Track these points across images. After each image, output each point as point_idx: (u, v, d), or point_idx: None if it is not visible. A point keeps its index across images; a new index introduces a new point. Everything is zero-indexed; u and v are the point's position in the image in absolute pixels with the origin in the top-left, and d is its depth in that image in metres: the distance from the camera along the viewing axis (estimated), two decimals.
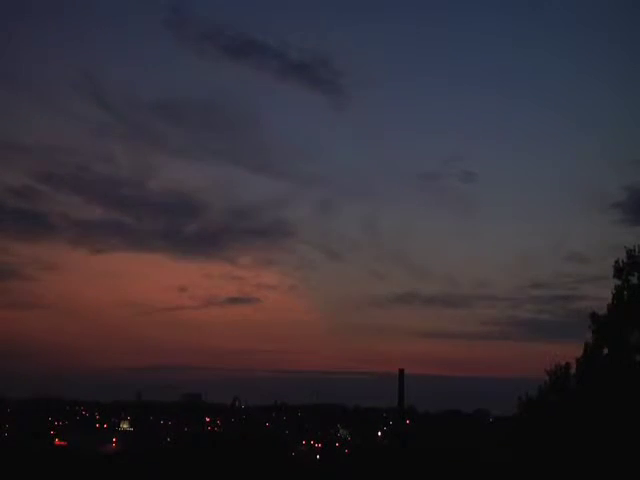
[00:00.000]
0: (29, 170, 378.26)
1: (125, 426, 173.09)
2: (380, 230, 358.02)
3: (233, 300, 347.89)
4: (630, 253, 31.78)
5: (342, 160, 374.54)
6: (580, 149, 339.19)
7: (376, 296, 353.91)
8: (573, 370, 36.20)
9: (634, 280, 31.51)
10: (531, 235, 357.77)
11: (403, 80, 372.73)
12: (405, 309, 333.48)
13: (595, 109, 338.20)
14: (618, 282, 32.23)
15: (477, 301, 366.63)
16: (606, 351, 32.01)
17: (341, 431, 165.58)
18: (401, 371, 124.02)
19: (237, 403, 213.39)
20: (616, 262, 32.09)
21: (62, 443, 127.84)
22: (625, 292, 31.68)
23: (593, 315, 32.75)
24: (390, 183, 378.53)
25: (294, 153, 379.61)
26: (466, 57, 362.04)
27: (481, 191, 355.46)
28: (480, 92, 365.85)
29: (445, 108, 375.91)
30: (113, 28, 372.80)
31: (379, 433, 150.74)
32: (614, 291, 32.23)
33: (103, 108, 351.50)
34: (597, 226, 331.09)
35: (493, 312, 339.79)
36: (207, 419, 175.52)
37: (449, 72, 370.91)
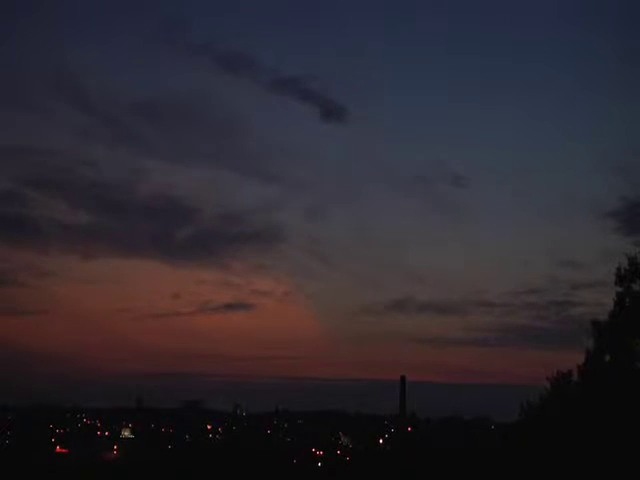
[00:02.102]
0: (13, 174, 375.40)
1: (126, 434, 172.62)
2: (372, 235, 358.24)
3: (228, 306, 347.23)
4: (632, 260, 31.78)
5: (332, 165, 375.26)
6: (575, 156, 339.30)
7: (371, 302, 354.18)
8: (574, 377, 36.24)
9: (636, 287, 31.52)
10: (524, 241, 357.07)
11: (393, 87, 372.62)
12: (401, 315, 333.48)
13: (591, 115, 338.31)
14: (619, 289, 32.23)
15: (472, 307, 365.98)
16: (608, 358, 32.01)
17: (342, 438, 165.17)
18: (402, 378, 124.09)
19: (238, 410, 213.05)
20: (618, 269, 32.09)
21: (63, 451, 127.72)
22: (627, 299, 31.68)
23: (595, 322, 32.76)
24: (381, 188, 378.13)
25: (284, 158, 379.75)
26: (459, 61, 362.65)
27: (474, 197, 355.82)
28: (474, 96, 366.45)
29: (437, 113, 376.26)
30: (100, 31, 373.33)
31: (381, 440, 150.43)
32: (615, 298, 32.24)
33: (88, 112, 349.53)
34: (591, 233, 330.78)
35: (489, 319, 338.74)
36: (208, 427, 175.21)
37: (441, 77, 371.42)
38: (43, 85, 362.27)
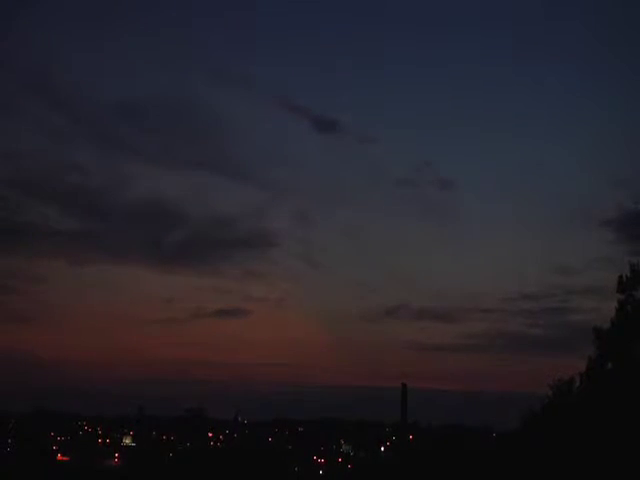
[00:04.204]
0: None
1: (128, 441, 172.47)
2: (364, 241, 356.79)
3: (222, 312, 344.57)
4: (634, 268, 31.92)
5: (322, 170, 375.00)
6: (571, 163, 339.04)
7: (366, 308, 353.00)
8: (576, 384, 36.32)
9: (638, 295, 31.62)
10: (519, 247, 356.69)
11: (383, 93, 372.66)
12: (397, 322, 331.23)
13: (588, 123, 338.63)
14: (621, 296, 32.33)
15: (468, 314, 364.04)
16: (610, 365, 32.06)
17: (344, 446, 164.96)
18: (404, 385, 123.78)
19: (239, 418, 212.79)
20: (619, 276, 32.23)
21: (65, 458, 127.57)
22: (629, 306, 31.79)
23: (596, 329, 32.84)
24: (372, 193, 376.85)
25: (273, 163, 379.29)
26: (451, 66, 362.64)
27: (468, 203, 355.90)
28: (473, 101, 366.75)
29: (431, 118, 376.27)
30: (89, 34, 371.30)
31: (382, 448, 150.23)
32: (617, 305, 32.35)
33: (74, 117, 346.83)
34: (586, 241, 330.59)
35: (485, 325, 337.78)
36: (209, 434, 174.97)
37: (433, 82, 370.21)
38: (26, 88, 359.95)
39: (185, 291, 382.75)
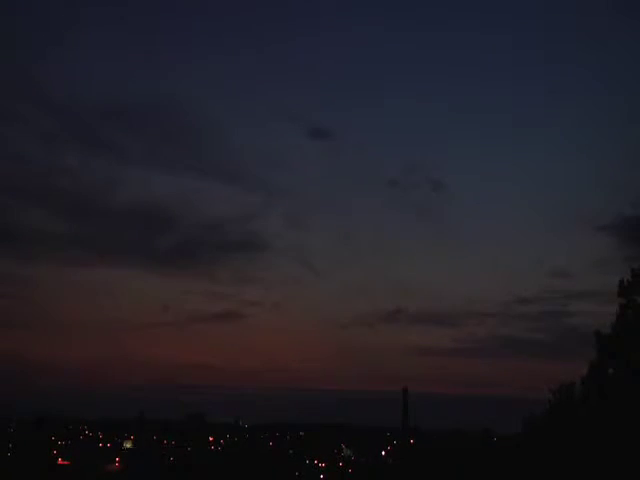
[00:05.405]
0: None
1: (128, 445, 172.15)
2: (360, 244, 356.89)
3: (218, 316, 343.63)
4: (635, 272, 31.86)
5: (315, 174, 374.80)
6: (571, 168, 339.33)
7: (363, 312, 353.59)
8: (577, 388, 36.27)
9: (639, 299, 31.57)
10: (517, 251, 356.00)
11: (378, 98, 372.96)
12: (394, 326, 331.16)
13: (588, 129, 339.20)
14: (622, 301, 32.27)
15: (466, 318, 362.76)
16: (611, 370, 32.00)
17: (345, 450, 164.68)
18: (405, 389, 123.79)
19: (240, 422, 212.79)
20: (620, 281, 32.17)
21: (65, 462, 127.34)
22: (630, 311, 31.74)
23: (597, 334, 32.79)
24: (366, 196, 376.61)
25: (267, 167, 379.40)
26: (447, 68, 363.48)
27: (467, 206, 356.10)
28: (466, 105, 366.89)
29: (426, 119, 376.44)
30: (75, 38, 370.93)
31: (383, 452, 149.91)
32: (618, 310, 32.30)
33: (69, 119, 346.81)
34: (585, 245, 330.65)
35: (483, 329, 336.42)
36: (210, 438, 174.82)
37: (430, 83, 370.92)
38: (15, 92, 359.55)
39: (181, 295, 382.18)
